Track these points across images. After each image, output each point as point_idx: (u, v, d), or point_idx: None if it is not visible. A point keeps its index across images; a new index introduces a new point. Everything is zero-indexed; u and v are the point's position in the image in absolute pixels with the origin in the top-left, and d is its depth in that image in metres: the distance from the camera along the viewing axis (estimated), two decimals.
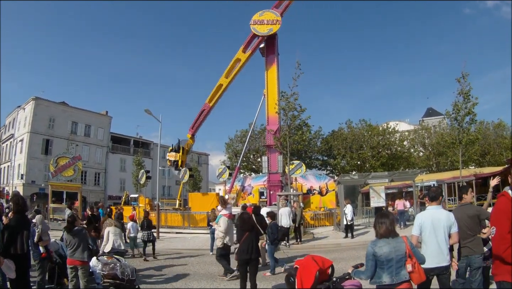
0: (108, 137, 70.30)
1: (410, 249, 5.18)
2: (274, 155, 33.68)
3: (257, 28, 35.76)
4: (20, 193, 40.99)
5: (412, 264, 5.09)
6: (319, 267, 5.55)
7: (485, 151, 47.44)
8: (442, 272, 6.08)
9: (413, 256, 5.16)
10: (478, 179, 31.59)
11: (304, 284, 5.54)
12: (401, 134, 55.09)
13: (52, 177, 35.65)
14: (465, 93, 23.55)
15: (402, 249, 5.14)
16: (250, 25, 36.05)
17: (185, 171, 37.09)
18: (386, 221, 5.41)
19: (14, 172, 59.48)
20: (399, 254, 5.12)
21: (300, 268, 5.76)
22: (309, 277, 5.52)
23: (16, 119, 63.06)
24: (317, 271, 5.50)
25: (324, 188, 35.96)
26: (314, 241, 20.83)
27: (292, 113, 26.05)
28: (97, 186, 66.90)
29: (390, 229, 5.34)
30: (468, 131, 24.26)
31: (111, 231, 10.44)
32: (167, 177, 71.15)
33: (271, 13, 36.09)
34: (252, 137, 50.59)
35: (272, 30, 35.77)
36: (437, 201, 6.50)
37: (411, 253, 5.16)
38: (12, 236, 7.79)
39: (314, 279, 5.46)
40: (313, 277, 5.48)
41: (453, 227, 6.20)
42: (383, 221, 5.42)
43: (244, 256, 9.64)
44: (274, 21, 35.74)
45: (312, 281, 5.47)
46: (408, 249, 5.16)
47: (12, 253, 7.68)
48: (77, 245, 8.93)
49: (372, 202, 27.63)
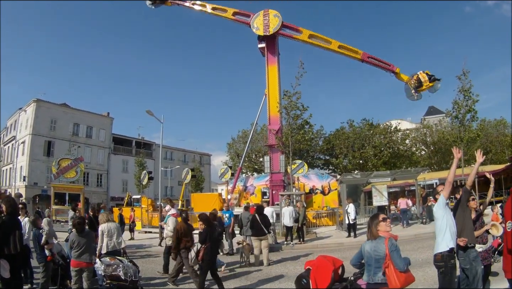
0: (110, 139, 70.40)
1: (389, 252, 5.01)
2: (276, 155, 33.63)
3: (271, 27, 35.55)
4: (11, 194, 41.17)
5: (387, 268, 5.00)
6: (334, 267, 5.54)
7: (487, 149, 47.37)
8: None
9: (390, 259, 5.00)
10: (480, 177, 31.52)
11: (319, 284, 5.50)
12: (403, 133, 55.01)
13: (55, 178, 35.73)
14: (466, 90, 23.51)
15: (381, 250, 5.05)
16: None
17: (187, 171, 37.08)
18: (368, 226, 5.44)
19: (16, 174, 59.54)
20: (377, 255, 5.07)
21: (314, 268, 5.71)
22: (325, 278, 5.50)
23: (17, 122, 63.20)
24: (333, 272, 5.49)
25: (326, 187, 35.95)
26: (317, 241, 20.81)
27: (295, 112, 26.04)
28: (99, 187, 66.99)
29: (368, 233, 5.38)
30: (469, 129, 24.21)
31: (104, 230, 10.32)
32: (169, 178, 71.34)
33: (259, 15, 36.07)
34: (254, 137, 50.52)
35: (278, 15, 35.60)
36: None
37: (389, 256, 5.02)
38: (5, 236, 7.80)
39: (331, 280, 5.44)
40: (329, 278, 5.46)
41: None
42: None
43: (209, 256, 10.26)
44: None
45: (328, 282, 5.45)
46: (388, 251, 5.02)
47: (5, 253, 7.70)
48: (85, 246, 8.93)
49: (374, 201, 27.54)
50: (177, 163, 79.87)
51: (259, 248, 14.43)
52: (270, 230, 14.91)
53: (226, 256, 17.33)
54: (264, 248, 14.38)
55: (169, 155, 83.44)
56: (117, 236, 10.45)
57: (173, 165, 75.55)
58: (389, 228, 5.35)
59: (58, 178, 35.06)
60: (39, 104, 58.97)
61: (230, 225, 18.73)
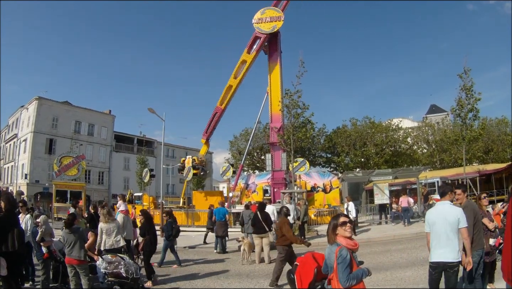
0: (111, 136, 70.57)
1: (337, 264, 4.58)
2: (278, 153, 33.66)
3: (261, 26, 35.64)
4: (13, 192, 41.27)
5: (332, 280, 4.72)
6: (317, 264, 5.49)
7: (489, 148, 47.34)
8: (448, 268, 5.99)
9: (336, 272, 4.61)
10: (481, 176, 31.56)
11: (303, 281, 5.50)
12: (405, 131, 54.99)
13: (56, 176, 35.76)
14: (468, 88, 23.46)
15: (331, 260, 4.69)
16: (253, 24, 35.94)
17: (189, 169, 37.16)
18: (329, 224, 5.02)
19: (18, 172, 59.65)
20: (330, 263, 4.75)
21: (300, 265, 5.71)
22: (308, 275, 5.48)
23: (19, 119, 63.31)
24: (315, 269, 5.45)
25: (328, 185, 35.94)
26: (318, 239, 20.76)
27: (296, 111, 26.06)
28: (101, 184, 67.15)
29: (330, 234, 4.94)
30: (471, 128, 24.17)
31: (103, 228, 10.39)
32: (171, 175, 71.40)
33: (272, 10, 35.98)
34: (256, 135, 50.51)
35: (276, 27, 35.65)
36: (446, 197, 6.46)
37: (335, 268, 4.62)
38: (2, 234, 7.80)
39: (313, 277, 5.42)
40: (312, 275, 5.44)
41: (460, 222, 6.07)
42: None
43: (149, 247, 11.74)
44: (277, 18, 35.65)
45: (310, 279, 5.43)
46: (335, 262, 4.61)
47: (3, 251, 7.70)
48: (73, 243, 8.95)
49: (376, 199, 27.55)
50: (179, 161, 79.42)
51: (260, 245, 14.42)
52: (271, 228, 14.89)
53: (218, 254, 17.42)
54: (265, 246, 14.37)
55: (171, 152, 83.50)
56: (115, 234, 10.48)
57: (175, 162, 75.38)
58: (348, 234, 4.82)
59: (59, 176, 35.08)
60: (41, 102, 59.10)
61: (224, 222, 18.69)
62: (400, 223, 24.72)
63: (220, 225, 18.34)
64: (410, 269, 11.49)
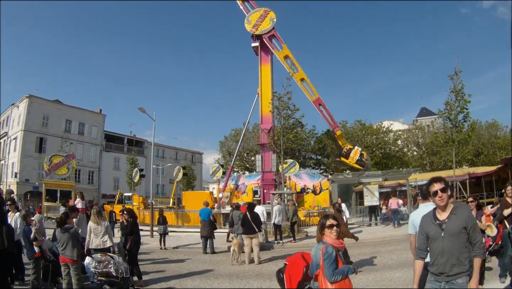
0: (102, 136, 70.26)
1: (323, 260, 4.78)
2: (268, 154, 33.65)
3: (261, 28, 35.58)
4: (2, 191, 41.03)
5: (318, 276, 4.86)
6: (306, 264, 5.55)
7: (479, 151, 47.71)
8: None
9: (322, 268, 4.78)
10: (471, 179, 31.76)
11: (292, 280, 5.55)
12: (395, 133, 55.25)
13: (46, 175, 35.63)
14: (458, 91, 23.55)
15: (318, 257, 4.86)
16: (254, 33, 36.01)
17: (178, 169, 37.07)
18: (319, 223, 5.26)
19: (7, 170, 59.31)
20: (316, 261, 4.92)
21: (289, 264, 5.78)
22: (297, 274, 5.54)
23: (9, 117, 62.84)
24: (304, 268, 5.50)
25: (318, 187, 35.98)
26: (308, 240, 20.83)
27: (286, 112, 26.13)
28: (91, 184, 66.79)
29: (318, 233, 5.19)
30: (461, 130, 24.28)
31: (92, 227, 10.42)
32: (160, 176, 71.23)
33: (254, 13, 36.25)
34: (246, 136, 50.52)
35: (272, 19, 35.68)
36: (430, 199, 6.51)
37: (321, 264, 4.79)
38: None
39: (302, 276, 5.48)
40: (301, 274, 5.49)
41: None
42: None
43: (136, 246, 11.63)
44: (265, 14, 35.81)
45: (299, 278, 5.49)
46: (321, 258, 4.79)
47: None
48: (66, 242, 8.97)
49: (365, 201, 27.70)
50: (169, 161, 79.83)
51: (250, 246, 14.44)
52: (261, 228, 14.92)
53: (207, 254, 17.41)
54: (255, 246, 14.40)
55: (161, 152, 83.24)
56: (103, 235, 10.49)
57: (165, 163, 75.44)
58: (333, 236, 5.02)
59: (49, 175, 34.96)
60: (32, 100, 58.72)
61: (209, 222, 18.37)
62: (390, 225, 24.87)
63: (204, 225, 18.17)
64: (399, 270, 11.60)
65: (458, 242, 4.51)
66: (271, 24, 35.55)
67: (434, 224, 4.71)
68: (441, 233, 4.61)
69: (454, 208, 4.66)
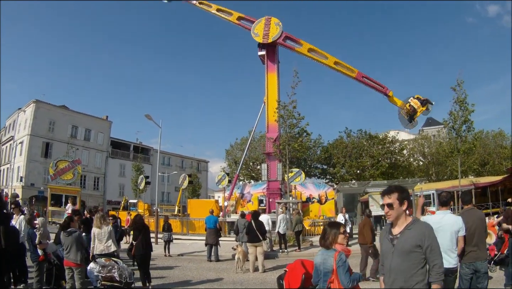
0: (108, 142, 70.52)
1: (336, 267, 4.73)
2: (273, 163, 33.58)
3: (270, 35, 35.63)
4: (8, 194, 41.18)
5: (332, 283, 4.82)
6: (305, 271, 5.57)
7: (485, 161, 47.54)
8: (450, 273, 5.99)
9: (336, 274, 4.75)
10: (477, 188, 31.65)
11: (292, 287, 5.60)
12: (401, 143, 55.14)
13: (52, 180, 35.73)
14: (461, 101, 23.57)
15: (329, 264, 4.83)
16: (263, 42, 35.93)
17: (184, 177, 37.07)
18: (324, 231, 5.24)
19: (13, 174, 59.53)
20: (325, 268, 4.89)
21: (289, 271, 5.89)
22: (296, 281, 5.58)
23: (16, 122, 63.21)
24: (303, 275, 5.53)
25: (323, 196, 35.89)
26: (313, 249, 20.79)
27: (291, 121, 26.14)
28: (96, 190, 66.94)
29: (323, 240, 5.15)
30: (465, 140, 24.25)
31: (95, 233, 10.40)
32: (166, 183, 71.23)
33: (258, 25, 36.33)
34: (252, 145, 50.53)
35: (278, 24, 35.78)
36: (447, 206, 6.55)
37: (335, 271, 4.75)
38: None
39: (301, 283, 5.50)
40: (299, 281, 5.52)
41: (461, 231, 6.20)
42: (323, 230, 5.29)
43: (140, 251, 11.46)
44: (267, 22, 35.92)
45: (298, 285, 5.52)
46: (335, 265, 4.75)
47: None
48: (70, 246, 9.01)
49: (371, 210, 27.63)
50: (175, 169, 79.95)
51: (255, 254, 14.44)
52: (265, 237, 14.91)
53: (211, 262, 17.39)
54: (260, 255, 14.38)
55: (167, 160, 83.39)
56: (106, 240, 10.47)
57: (170, 170, 75.53)
58: (345, 242, 5.09)
59: (55, 180, 35.02)
60: (38, 105, 59.08)
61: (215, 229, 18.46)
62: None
63: (210, 233, 18.18)
64: None
65: (408, 261, 4.08)
66: (278, 28, 35.51)
67: (387, 239, 4.38)
68: (391, 249, 4.26)
69: (411, 222, 4.24)
